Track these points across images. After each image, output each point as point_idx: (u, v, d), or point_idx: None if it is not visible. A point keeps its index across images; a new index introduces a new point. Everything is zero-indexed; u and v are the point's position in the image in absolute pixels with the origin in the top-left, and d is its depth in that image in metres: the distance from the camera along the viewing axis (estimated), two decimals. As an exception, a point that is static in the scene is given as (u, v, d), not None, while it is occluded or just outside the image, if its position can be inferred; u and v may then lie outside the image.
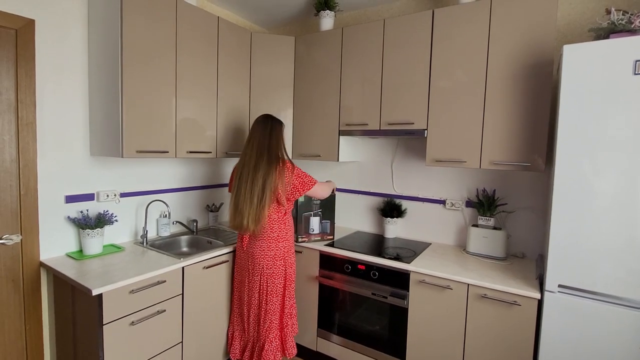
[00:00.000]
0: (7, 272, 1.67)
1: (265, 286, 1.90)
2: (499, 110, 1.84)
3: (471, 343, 1.76)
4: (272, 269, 1.89)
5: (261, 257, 1.89)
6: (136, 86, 1.79)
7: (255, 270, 1.91)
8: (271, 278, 1.89)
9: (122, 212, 2.10)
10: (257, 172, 1.82)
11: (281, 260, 1.91)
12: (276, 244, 1.90)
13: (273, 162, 1.84)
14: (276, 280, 1.90)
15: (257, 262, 1.90)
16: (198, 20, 2.09)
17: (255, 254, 1.90)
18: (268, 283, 1.89)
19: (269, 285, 1.89)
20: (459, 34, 1.93)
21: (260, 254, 1.89)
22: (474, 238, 2.10)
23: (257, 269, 1.90)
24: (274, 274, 1.90)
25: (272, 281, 1.89)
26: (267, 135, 1.89)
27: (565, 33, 1.95)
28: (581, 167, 1.45)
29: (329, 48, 2.41)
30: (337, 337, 2.20)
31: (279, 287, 1.91)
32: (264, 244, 1.89)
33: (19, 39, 1.65)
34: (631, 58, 1.35)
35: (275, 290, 1.90)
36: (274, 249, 1.89)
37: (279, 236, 1.90)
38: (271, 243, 1.89)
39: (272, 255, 1.89)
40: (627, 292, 1.39)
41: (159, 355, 1.74)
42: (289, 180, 1.84)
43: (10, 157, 1.65)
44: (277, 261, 1.90)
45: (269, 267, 1.89)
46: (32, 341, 1.76)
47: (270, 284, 1.89)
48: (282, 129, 1.96)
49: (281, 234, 1.91)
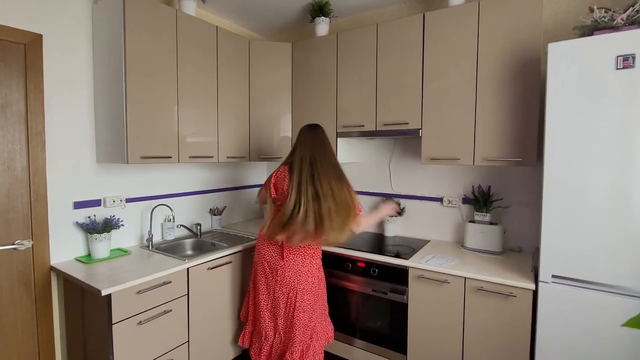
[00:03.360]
0: (20, 276, 1.74)
1: (294, 300, 1.83)
2: (490, 108, 1.90)
3: (470, 334, 1.79)
4: (303, 285, 1.83)
5: (294, 270, 1.82)
6: (139, 95, 1.87)
7: (285, 282, 1.84)
8: (301, 293, 1.83)
9: (127, 217, 2.16)
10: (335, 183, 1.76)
11: (313, 278, 1.86)
12: (310, 260, 1.86)
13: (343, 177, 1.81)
14: (306, 297, 1.84)
15: (287, 274, 1.83)
16: (197, 30, 2.18)
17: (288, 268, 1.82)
18: (297, 298, 1.82)
19: (297, 301, 1.82)
20: (449, 36, 2.00)
21: (294, 268, 1.82)
22: (471, 234, 2.14)
23: (287, 281, 1.83)
24: (305, 290, 1.83)
25: (301, 297, 1.82)
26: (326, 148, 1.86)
27: (554, 32, 2.01)
28: (569, 160, 1.50)
29: (324, 53, 2.48)
30: (340, 334, 2.24)
31: (306, 303, 1.84)
32: (298, 259, 1.83)
33: (27, 53, 1.73)
34: (613, 53, 1.41)
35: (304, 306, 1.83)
36: (308, 265, 1.85)
37: (314, 253, 1.88)
38: (306, 259, 1.85)
39: (305, 271, 1.84)
40: (618, 280, 1.43)
41: (166, 354, 1.80)
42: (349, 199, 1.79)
43: (21, 165, 1.73)
44: (310, 278, 1.85)
45: (300, 282, 1.82)
46: (43, 342, 1.82)
47: (299, 300, 1.82)
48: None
49: (317, 252, 1.90)
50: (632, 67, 1.37)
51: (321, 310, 1.95)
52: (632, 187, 1.39)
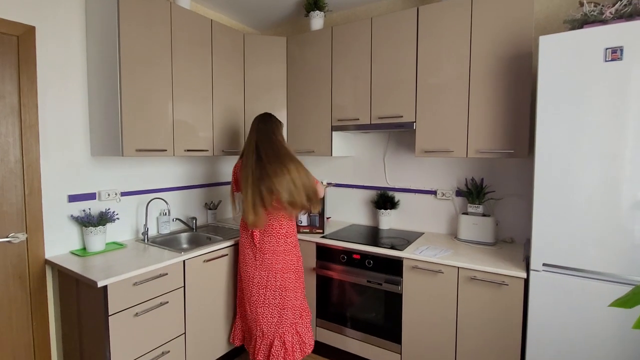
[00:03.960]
0: (14, 269, 1.73)
1: (275, 282, 1.92)
2: (483, 101, 1.92)
3: (463, 323, 1.83)
4: (282, 264, 1.93)
5: (271, 252, 1.92)
6: (134, 88, 1.86)
7: (264, 266, 1.93)
8: (281, 273, 1.93)
9: (123, 211, 2.16)
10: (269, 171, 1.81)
11: (290, 255, 1.96)
12: (285, 239, 1.95)
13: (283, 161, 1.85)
14: (286, 276, 1.94)
15: (266, 257, 1.92)
16: (192, 23, 2.17)
17: (265, 250, 1.92)
18: (278, 279, 1.92)
19: (279, 281, 1.92)
20: (442, 30, 2.02)
21: (270, 249, 1.92)
22: (464, 225, 2.18)
23: (266, 264, 1.93)
24: (284, 269, 1.93)
25: (282, 277, 1.93)
26: (271, 134, 1.93)
27: (545, 26, 2.04)
28: (559, 152, 1.54)
29: (319, 47, 2.49)
30: (336, 325, 2.26)
31: (290, 282, 1.94)
32: (273, 239, 1.93)
33: (20, 45, 1.72)
34: (602, 46, 1.44)
35: (287, 286, 1.93)
36: (282, 244, 1.94)
37: (287, 232, 1.96)
38: (280, 239, 1.94)
39: (281, 250, 1.93)
40: (606, 267, 1.47)
41: (163, 345, 1.80)
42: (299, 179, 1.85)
43: (14, 158, 1.72)
44: (287, 256, 1.95)
45: (278, 262, 1.92)
46: (39, 335, 1.82)
47: (280, 280, 1.92)
48: (282, 127, 2.02)
49: (289, 230, 1.97)
50: (620, 59, 1.40)
51: (303, 288, 2.04)
52: (620, 177, 1.42)
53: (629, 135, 1.40)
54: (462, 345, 1.84)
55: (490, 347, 1.76)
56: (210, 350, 2.09)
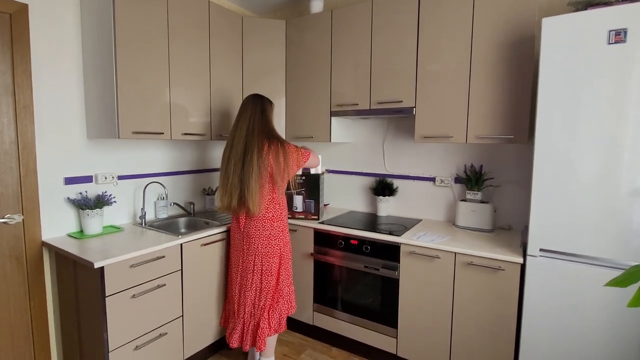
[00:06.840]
0: (11, 250, 1.73)
1: (260, 266, 1.91)
2: (483, 85, 1.90)
3: (459, 307, 1.84)
4: (267, 248, 1.91)
5: (256, 236, 1.90)
6: (130, 69, 1.83)
7: (250, 251, 1.92)
8: (266, 257, 1.91)
9: (120, 194, 2.15)
10: (250, 153, 1.82)
11: (276, 240, 1.93)
12: (271, 223, 1.91)
13: (265, 141, 1.85)
14: (271, 260, 1.92)
15: (252, 242, 1.91)
16: (189, 5, 2.13)
17: (251, 234, 1.91)
18: (263, 263, 1.91)
19: (263, 265, 1.91)
20: (444, 12, 1.98)
21: (256, 234, 1.90)
22: (463, 212, 2.17)
23: (252, 249, 1.92)
24: (269, 253, 1.92)
25: (267, 261, 1.91)
26: (258, 114, 1.91)
27: (547, 9, 2.00)
28: (559, 137, 1.52)
29: (319, 31, 2.45)
30: (333, 310, 2.28)
31: (274, 267, 1.93)
32: (259, 223, 1.90)
33: (13, 23, 1.68)
34: (605, 28, 1.41)
35: (271, 270, 1.92)
36: (268, 229, 1.91)
37: (274, 216, 1.92)
38: (266, 223, 1.90)
39: (267, 235, 1.90)
40: (601, 252, 1.47)
41: (160, 327, 1.82)
42: (282, 159, 1.84)
43: (9, 139, 1.70)
44: (272, 241, 1.92)
45: (264, 246, 1.91)
46: (36, 316, 1.83)
47: (265, 264, 1.91)
48: (272, 107, 1.99)
49: (276, 214, 1.93)
50: (624, 41, 1.38)
51: (286, 274, 2.02)
52: (619, 164, 1.41)
53: (629, 121, 1.38)
54: (458, 329, 1.85)
55: (486, 331, 1.78)
56: (207, 332, 2.11)
